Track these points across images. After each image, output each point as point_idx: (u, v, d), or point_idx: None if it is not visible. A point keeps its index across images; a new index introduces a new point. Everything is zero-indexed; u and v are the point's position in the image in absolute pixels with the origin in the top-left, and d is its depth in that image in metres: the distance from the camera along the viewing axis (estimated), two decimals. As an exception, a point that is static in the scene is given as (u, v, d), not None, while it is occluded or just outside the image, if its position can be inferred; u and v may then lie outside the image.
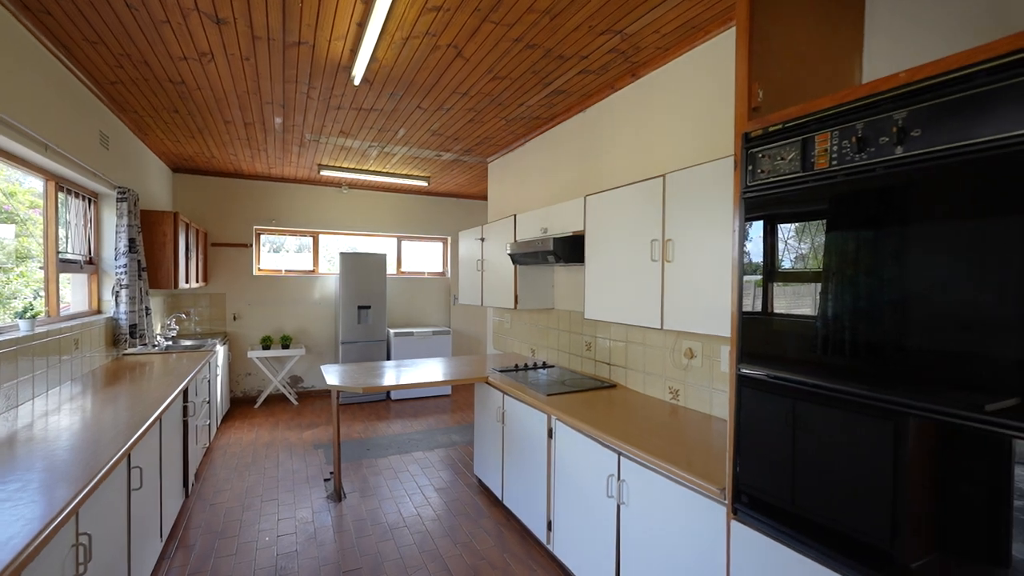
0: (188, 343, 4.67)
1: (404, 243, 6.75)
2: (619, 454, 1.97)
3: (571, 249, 2.77)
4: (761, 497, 1.35)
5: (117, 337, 3.45)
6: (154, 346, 4.24)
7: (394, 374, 3.25)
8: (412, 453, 4.10)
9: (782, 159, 1.28)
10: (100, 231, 3.57)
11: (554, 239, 2.75)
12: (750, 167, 1.38)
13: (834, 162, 1.16)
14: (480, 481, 3.46)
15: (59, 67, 2.61)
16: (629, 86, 2.85)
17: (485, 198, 6.91)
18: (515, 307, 3.45)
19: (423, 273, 6.86)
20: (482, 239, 3.99)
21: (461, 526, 2.92)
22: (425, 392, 6.01)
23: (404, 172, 5.37)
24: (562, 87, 2.99)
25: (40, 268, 2.85)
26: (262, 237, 5.98)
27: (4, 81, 2.10)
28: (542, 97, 3.15)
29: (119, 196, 3.44)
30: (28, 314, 2.44)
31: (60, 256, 2.95)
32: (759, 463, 1.35)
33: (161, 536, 2.46)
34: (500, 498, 3.05)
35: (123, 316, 3.44)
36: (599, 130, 3.12)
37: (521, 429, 2.76)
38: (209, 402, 3.97)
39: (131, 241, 3.50)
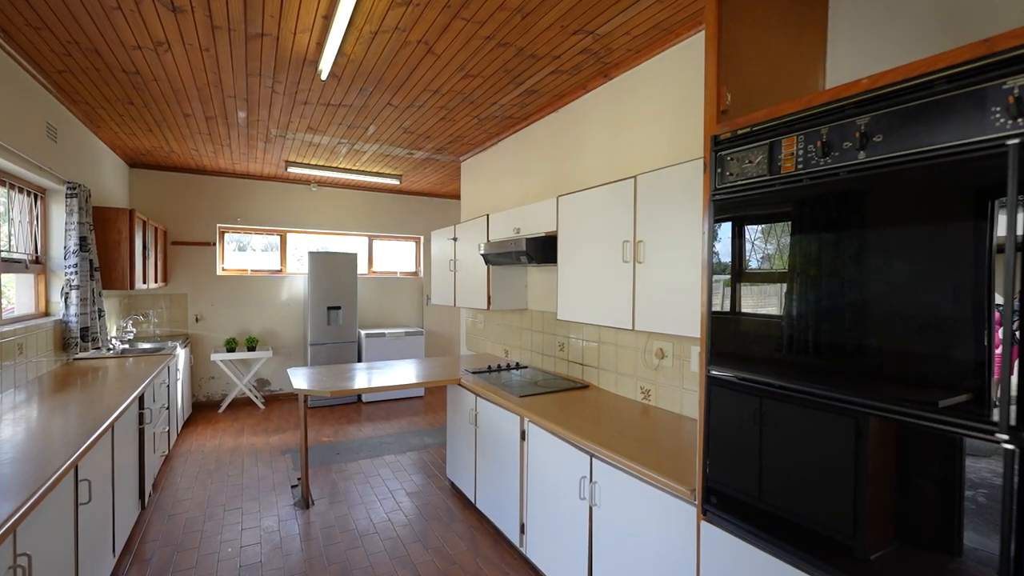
0: (146, 346, 4.47)
1: (376, 242, 6.63)
2: (591, 456, 1.97)
3: (544, 250, 2.76)
4: (730, 496, 1.36)
5: (67, 341, 3.26)
6: (109, 349, 4.03)
7: (364, 376, 3.17)
8: (383, 456, 4.02)
9: (750, 162, 1.29)
10: (48, 229, 3.36)
11: (527, 239, 2.73)
12: (719, 169, 1.39)
13: (800, 166, 1.17)
14: (453, 484, 3.41)
15: (-1, 53, 2.44)
16: (601, 87, 2.86)
17: (458, 197, 6.85)
18: (488, 308, 3.42)
19: (395, 273, 6.76)
20: (455, 239, 3.95)
21: (433, 531, 2.87)
22: (397, 394, 5.92)
23: (375, 170, 5.27)
24: (534, 87, 2.97)
25: (-21, 268, 2.66)
26: (227, 236, 5.77)
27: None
28: (515, 96, 3.13)
29: (68, 192, 3.25)
30: (-36, 318, 2.28)
31: (1, 255, 2.76)
32: (728, 463, 1.36)
33: (114, 552, 2.33)
34: (473, 501, 3.02)
35: (73, 319, 3.25)
36: (572, 130, 3.12)
37: (494, 431, 2.73)
38: (168, 408, 3.80)
39: (82, 239, 3.32)
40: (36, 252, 3.26)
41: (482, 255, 3.26)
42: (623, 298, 2.20)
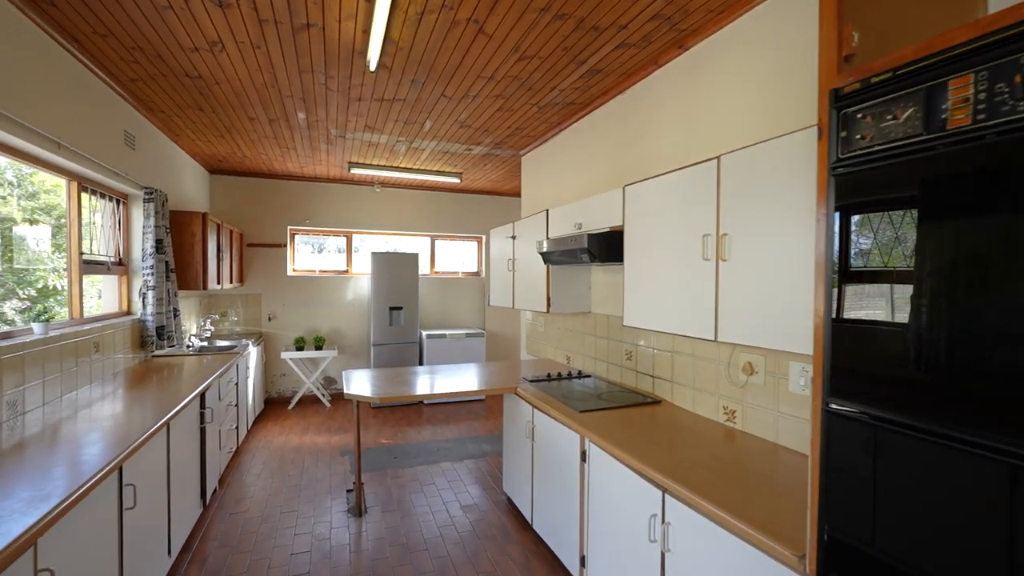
0: (224, 343, 4.66)
1: (437, 242, 6.58)
2: (663, 491, 1.65)
3: (608, 246, 2.45)
4: (858, 572, 1.00)
5: (144, 339, 3.42)
6: (188, 347, 4.23)
7: (422, 381, 3.03)
8: (440, 464, 3.89)
9: (893, 118, 0.93)
10: (130, 232, 3.55)
11: (589, 235, 2.44)
12: (843, 133, 1.03)
13: (981, 116, 0.81)
14: (509, 499, 3.19)
15: (73, 63, 2.54)
16: (675, 60, 2.50)
17: (519, 195, 6.64)
18: (547, 310, 3.16)
19: (457, 273, 6.67)
20: (513, 237, 3.72)
21: (486, 551, 2.66)
22: (458, 397, 5.80)
23: (435, 168, 5.18)
24: (598, 65, 2.67)
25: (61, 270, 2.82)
26: (298, 237, 5.96)
27: (6, 76, 2.02)
28: (576, 79, 2.84)
29: (146, 196, 3.41)
30: (43, 317, 2.38)
31: (84, 257, 2.91)
32: (856, 526, 1.01)
33: (170, 552, 2.33)
34: (530, 521, 2.77)
35: (150, 318, 3.40)
36: (640, 113, 2.78)
37: (552, 448, 2.47)
38: (237, 405, 3.90)
39: (158, 242, 3.46)
40: (119, 254, 3.44)
41: (541, 254, 3.01)
42: (703, 302, 1.85)
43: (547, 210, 3.18)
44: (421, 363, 5.74)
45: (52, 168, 2.60)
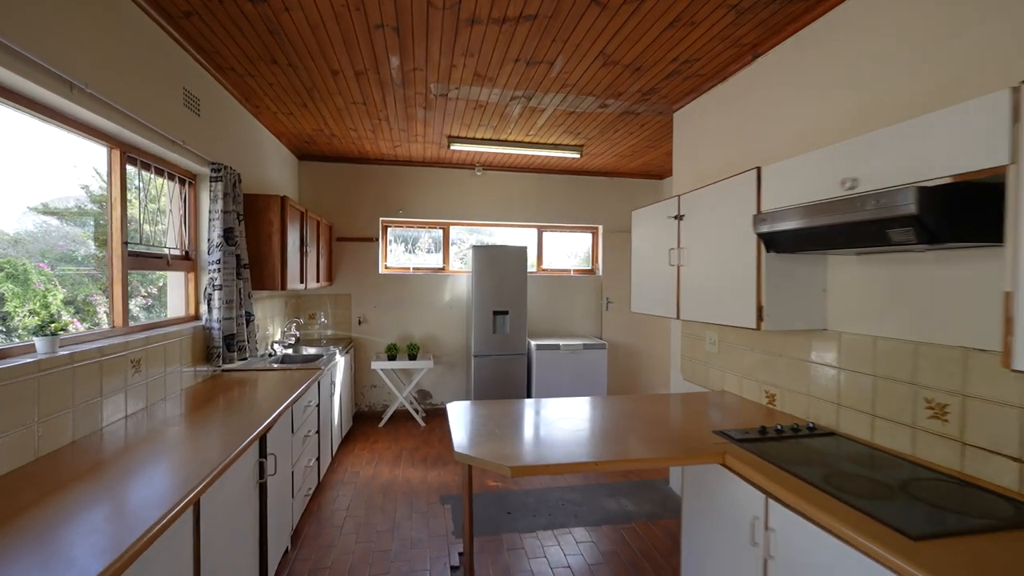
0: (311, 351, 4.04)
1: (545, 234, 5.58)
2: None
3: (961, 213, 1.25)
4: None
5: (209, 351, 2.77)
6: (270, 356, 3.61)
7: (566, 432, 2.02)
8: (570, 530, 2.85)
9: None
10: (197, 219, 2.93)
11: (917, 192, 1.26)
12: None
13: None
14: (692, 615, 2.06)
15: (99, -23, 1.84)
16: None
17: (646, 176, 5.45)
18: (758, 326, 2.00)
19: (568, 271, 5.63)
20: (679, 217, 2.59)
21: None
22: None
23: (551, 141, 4.17)
24: None
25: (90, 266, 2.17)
26: (390, 231, 5.27)
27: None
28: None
29: (213, 174, 2.75)
30: (47, 330, 1.69)
31: (130, 248, 2.26)
32: None
33: None
34: None
35: (216, 324, 2.74)
36: (975, -26, 1.53)
37: (829, 591, 1.32)
38: (319, 431, 3.18)
39: (227, 231, 2.80)
40: (185, 246, 2.83)
41: (763, 233, 1.86)
42: None
43: (757, 168, 2.02)
44: (529, 379, 4.77)
45: (78, 127, 1.93)
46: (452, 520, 2.92)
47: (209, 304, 2.75)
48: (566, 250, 5.70)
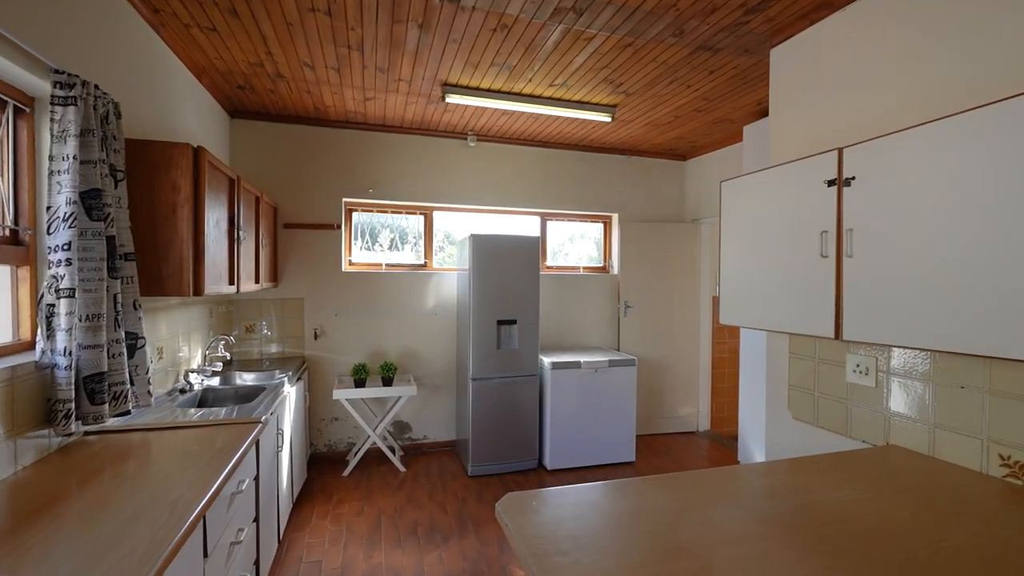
0: (248, 379, 2.87)
1: (549, 223, 4.58)
2: None
3: None
4: None
5: (52, 406, 1.55)
6: (181, 392, 2.40)
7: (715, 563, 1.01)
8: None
9: None
10: (37, 175, 1.70)
11: None
12: None
13: None
14: None
15: None
16: None
17: (670, 155, 4.56)
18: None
19: (577, 268, 4.65)
20: (842, 181, 1.66)
21: None
22: (593, 455, 3.77)
23: (579, 98, 3.18)
24: None
25: None
26: (355, 216, 4.09)
27: None
28: None
29: (58, 92, 1.54)
30: None
31: None
32: None
33: None
34: None
35: (61, 359, 1.53)
36: None
37: None
38: (259, 518, 2.02)
39: (88, 196, 1.59)
40: (8, 220, 1.60)
41: None
42: None
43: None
44: (542, 404, 3.74)
45: None
46: (478, 659, 1.85)
47: (50, 324, 1.53)
48: (575, 243, 4.71)
